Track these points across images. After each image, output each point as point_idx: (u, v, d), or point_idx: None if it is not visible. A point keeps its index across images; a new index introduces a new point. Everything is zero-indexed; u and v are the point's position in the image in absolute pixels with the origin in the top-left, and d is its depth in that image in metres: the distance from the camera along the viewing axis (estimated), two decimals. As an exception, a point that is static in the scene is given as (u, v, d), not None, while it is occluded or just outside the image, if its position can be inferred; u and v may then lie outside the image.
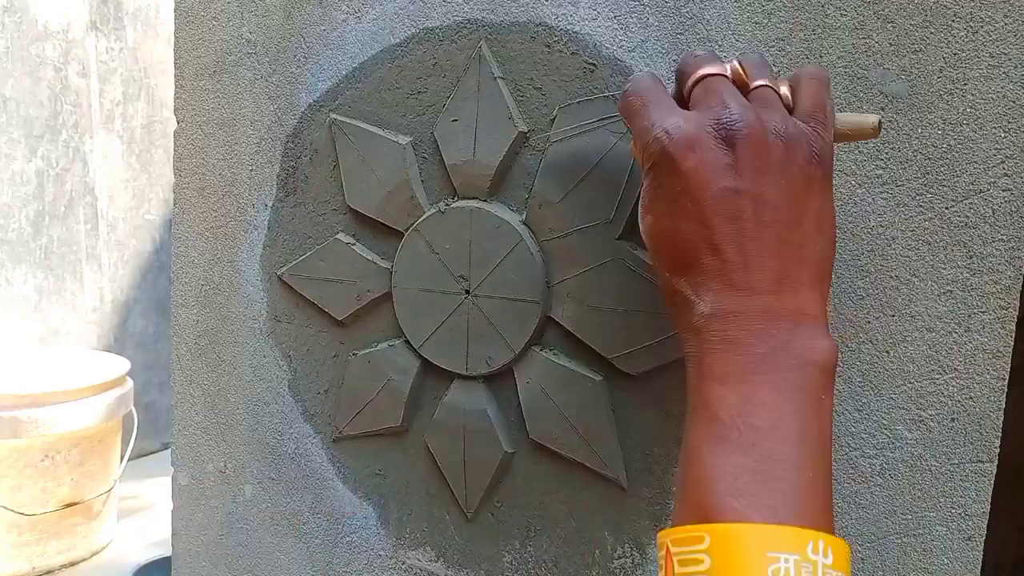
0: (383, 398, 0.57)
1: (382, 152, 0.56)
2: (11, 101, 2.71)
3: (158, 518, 2.65)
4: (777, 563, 0.32)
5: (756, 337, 0.36)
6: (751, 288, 0.36)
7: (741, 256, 0.36)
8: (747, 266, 0.36)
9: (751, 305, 0.36)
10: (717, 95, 0.38)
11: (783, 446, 0.35)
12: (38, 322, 2.89)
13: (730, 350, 0.36)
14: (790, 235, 0.37)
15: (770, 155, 0.36)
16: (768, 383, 0.36)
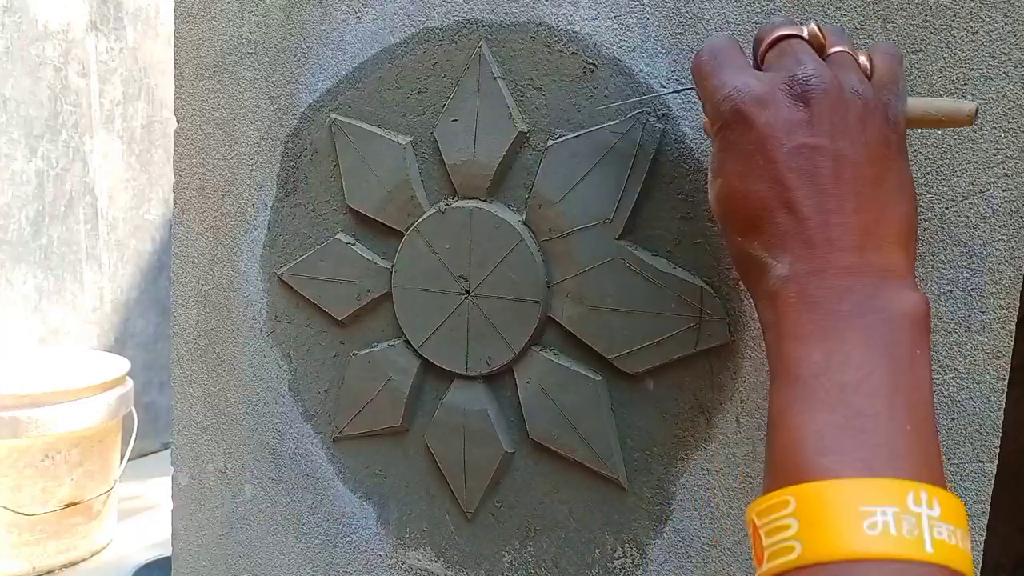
0: (383, 398, 0.57)
1: (382, 152, 0.55)
2: (11, 101, 2.71)
3: (158, 518, 2.65)
4: (873, 516, 0.29)
5: (838, 294, 0.34)
6: (831, 245, 0.35)
7: (819, 213, 0.35)
8: (826, 223, 0.35)
9: (832, 262, 0.35)
10: (793, 55, 0.37)
11: (875, 400, 0.32)
12: (38, 322, 2.89)
13: (810, 309, 0.35)
14: (871, 192, 0.35)
15: (848, 113, 0.35)
16: (854, 339, 0.34)
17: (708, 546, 0.51)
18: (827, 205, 0.35)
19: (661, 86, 0.48)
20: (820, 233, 0.35)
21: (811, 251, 0.35)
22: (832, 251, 0.35)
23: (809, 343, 0.34)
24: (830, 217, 0.35)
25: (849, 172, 0.35)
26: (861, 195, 0.35)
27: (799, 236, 0.35)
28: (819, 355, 0.34)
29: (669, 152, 0.49)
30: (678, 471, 0.51)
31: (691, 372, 0.50)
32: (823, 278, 0.35)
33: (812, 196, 0.35)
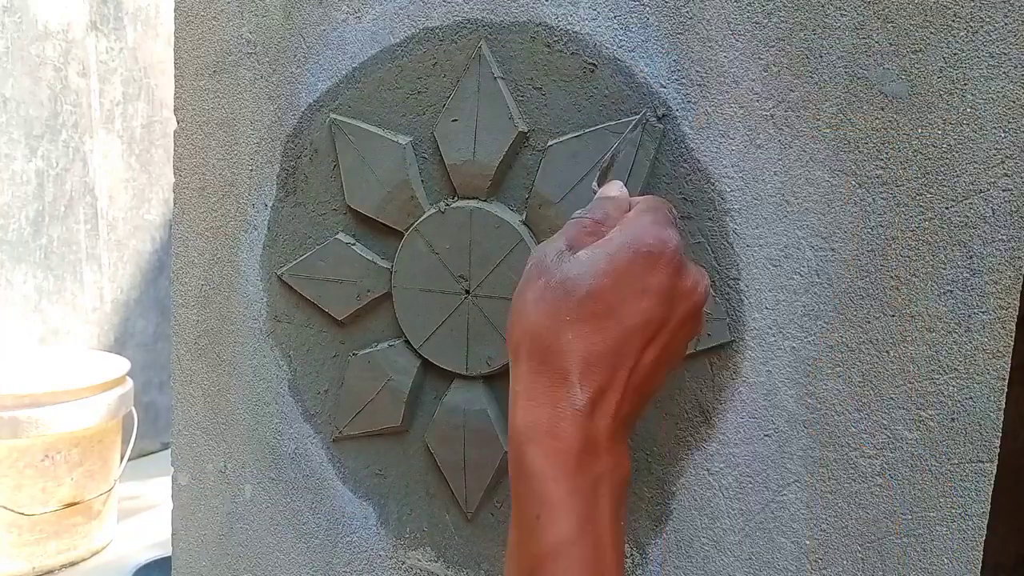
0: (383, 398, 0.57)
1: (382, 152, 0.55)
2: (11, 101, 2.71)
3: (158, 518, 2.65)
4: None
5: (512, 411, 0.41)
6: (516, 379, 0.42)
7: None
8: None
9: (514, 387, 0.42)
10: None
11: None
12: (38, 322, 2.89)
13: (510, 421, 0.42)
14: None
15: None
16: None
17: (708, 546, 0.51)
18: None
19: (661, 86, 0.48)
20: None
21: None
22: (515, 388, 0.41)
23: None
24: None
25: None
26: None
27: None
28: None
29: (669, 152, 0.49)
30: (678, 471, 0.51)
31: (691, 372, 0.50)
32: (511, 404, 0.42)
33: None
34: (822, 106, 0.45)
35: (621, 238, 0.39)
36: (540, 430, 0.38)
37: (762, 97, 0.46)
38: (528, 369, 0.39)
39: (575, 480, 0.37)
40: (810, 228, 0.46)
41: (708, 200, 0.48)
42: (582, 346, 0.38)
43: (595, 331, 0.38)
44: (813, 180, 0.46)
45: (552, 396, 0.38)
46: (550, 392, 0.38)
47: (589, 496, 0.37)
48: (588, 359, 0.38)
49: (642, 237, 0.39)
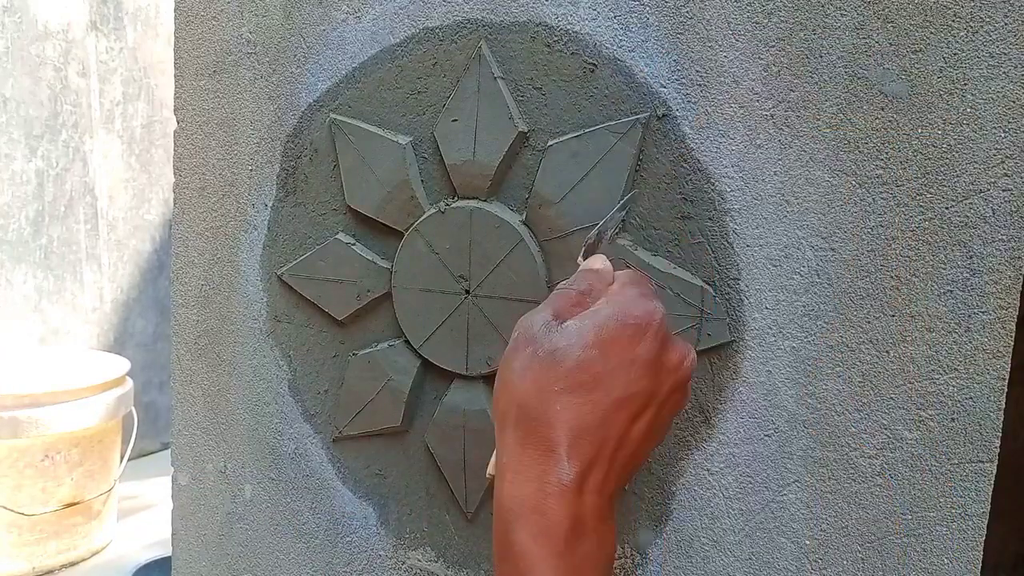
0: (383, 398, 0.57)
1: (382, 152, 0.55)
2: (11, 101, 2.71)
3: (158, 518, 2.65)
4: None
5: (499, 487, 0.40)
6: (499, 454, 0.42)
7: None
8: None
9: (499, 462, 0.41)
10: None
11: None
12: (38, 322, 2.89)
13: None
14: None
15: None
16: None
17: (708, 546, 0.51)
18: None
19: (661, 86, 0.48)
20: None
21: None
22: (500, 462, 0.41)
23: None
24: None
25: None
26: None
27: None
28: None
29: (669, 152, 0.49)
30: (678, 471, 0.51)
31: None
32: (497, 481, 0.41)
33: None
34: (822, 106, 0.45)
35: (608, 310, 0.39)
36: (527, 506, 0.37)
37: (762, 97, 0.46)
38: (515, 440, 0.38)
39: (562, 560, 0.37)
40: (810, 228, 0.46)
41: (708, 200, 0.48)
42: (570, 416, 0.37)
43: (584, 402, 0.37)
44: (813, 180, 0.46)
45: (540, 470, 0.37)
46: (538, 466, 0.37)
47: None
48: (576, 431, 0.37)
49: (629, 309, 0.39)
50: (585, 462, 0.37)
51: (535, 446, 0.38)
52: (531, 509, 0.37)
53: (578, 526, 0.37)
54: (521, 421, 0.38)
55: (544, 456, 0.37)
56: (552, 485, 0.37)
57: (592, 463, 0.37)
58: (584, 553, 0.37)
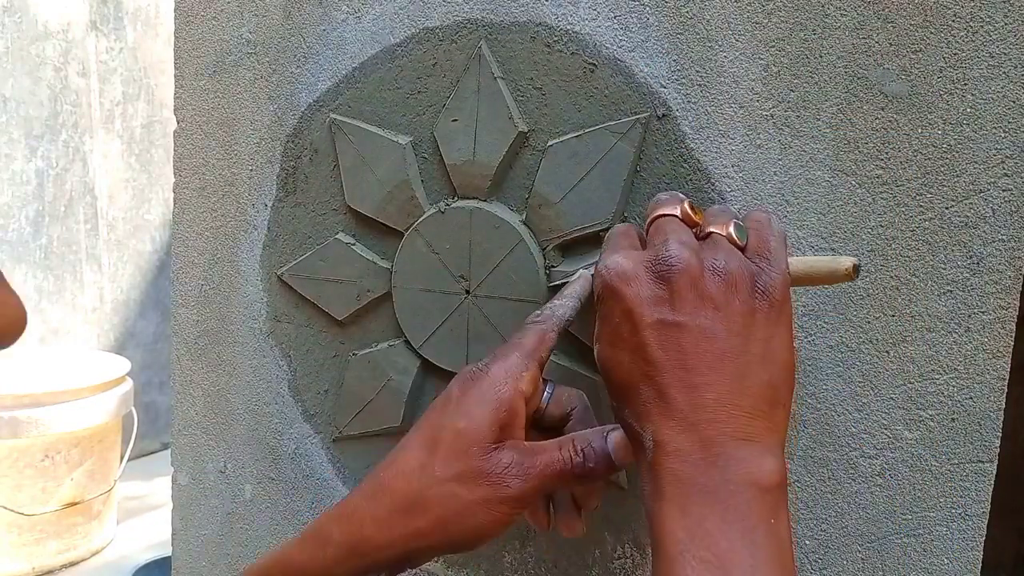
0: (383, 398, 0.57)
1: (382, 152, 0.56)
2: (11, 101, 2.71)
3: (158, 518, 2.66)
4: None
5: (696, 469, 0.36)
6: (686, 419, 0.37)
7: (676, 386, 0.37)
8: (683, 397, 0.37)
9: (688, 437, 0.36)
10: (662, 234, 0.40)
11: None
12: (38, 322, 2.89)
13: (672, 484, 0.36)
14: (730, 365, 0.37)
15: (707, 289, 0.38)
16: (712, 514, 0.35)
17: (708, 546, 0.51)
18: (684, 379, 0.37)
19: (661, 86, 0.48)
20: (677, 407, 0.37)
21: (670, 424, 0.37)
22: (688, 426, 0.37)
23: (673, 520, 0.36)
24: (687, 392, 0.37)
25: (706, 346, 0.37)
26: (717, 368, 0.37)
27: (659, 409, 0.37)
28: (682, 532, 0.35)
29: (669, 152, 0.49)
30: (678, 471, 0.51)
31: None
32: (681, 454, 0.37)
33: (670, 370, 0.37)
34: (822, 106, 0.45)
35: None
36: (783, 483, 0.37)
37: (762, 97, 0.46)
38: (767, 405, 0.38)
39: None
40: (810, 228, 0.46)
41: (708, 200, 0.48)
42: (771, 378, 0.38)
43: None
44: (813, 180, 0.46)
45: (778, 438, 0.37)
46: (772, 435, 0.37)
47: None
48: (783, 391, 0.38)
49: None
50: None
51: (773, 415, 0.37)
52: (783, 485, 0.36)
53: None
54: (777, 388, 0.38)
55: (777, 424, 0.37)
56: (780, 456, 0.37)
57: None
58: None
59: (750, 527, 0.35)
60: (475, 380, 0.42)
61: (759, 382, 0.37)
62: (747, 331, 0.37)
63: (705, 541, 0.35)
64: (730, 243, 0.40)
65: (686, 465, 0.36)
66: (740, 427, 0.36)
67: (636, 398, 0.38)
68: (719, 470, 0.36)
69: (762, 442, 0.37)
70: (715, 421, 0.36)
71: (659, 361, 0.37)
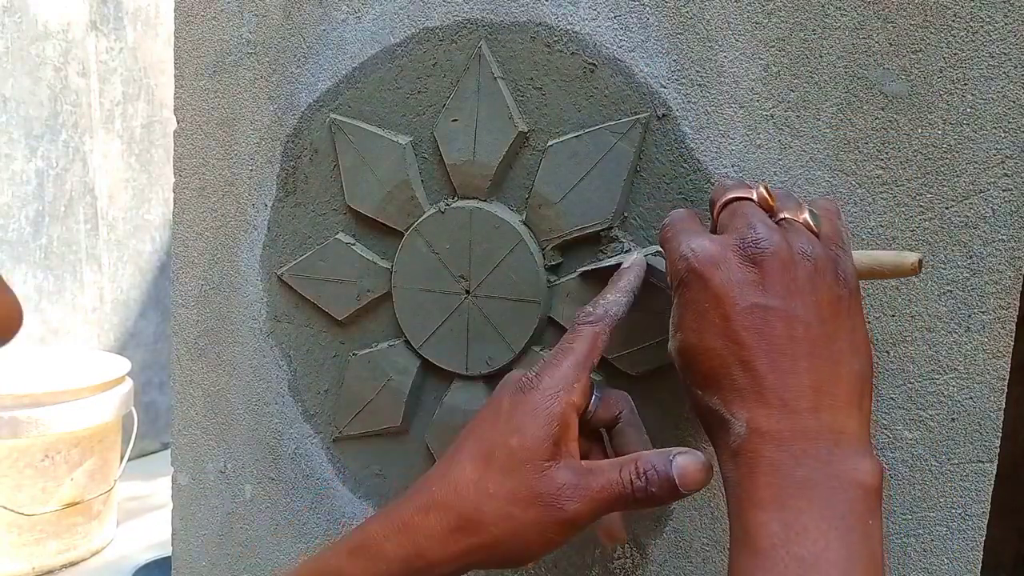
0: (383, 398, 0.57)
1: (382, 152, 0.56)
2: (11, 101, 2.71)
3: (158, 518, 2.66)
4: None
5: (794, 458, 0.35)
6: (786, 405, 0.35)
7: (774, 372, 0.36)
8: (780, 382, 0.35)
9: (787, 424, 0.35)
10: (744, 217, 0.38)
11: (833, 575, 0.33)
12: (38, 322, 2.89)
13: (768, 473, 0.35)
14: (824, 351, 0.36)
15: (798, 273, 0.37)
16: (810, 509, 0.34)
17: (708, 546, 0.51)
18: (781, 364, 0.36)
19: (661, 86, 0.48)
20: (775, 393, 0.35)
21: (767, 411, 0.35)
22: (787, 412, 0.35)
23: (768, 510, 0.34)
24: (785, 377, 0.35)
25: (801, 331, 0.36)
26: (814, 354, 0.36)
27: (755, 395, 0.36)
28: (777, 525, 0.34)
29: (669, 152, 0.49)
30: (678, 471, 0.51)
31: (691, 372, 0.50)
32: (779, 441, 0.35)
33: (766, 355, 0.36)
34: (822, 106, 0.45)
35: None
36: (879, 484, 0.35)
37: (762, 97, 0.46)
38: (860, 401, 0.37)
39: None
40: (810, 228, 0.46)
41: (708, 200, 0.48)
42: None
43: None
44: (813, 180, 0.46)
45: (867, 436, 0.36)
46: (866, 432, 0.36)
47: None
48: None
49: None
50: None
51: (863, 407, 0.36)
52: (881, 487, 0.35)
53: None
54: (866, 379, 0.37)
55: (867, 417, 0.36)
56: (874, 454, 0.35)
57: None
58: None
59: (848, 527, 0.33)
60: (526, 392, 0.41)
61: (852, 371, 0.36)
62: (836, 319, 0.37)
63: (802, 537, 0.33)
64: (811, 231, 0.39)
65: (785, 455, 0.35)
66: (839, 419, 0.35)
67: (729, 384, 0.36)
68: (821, 464, 0.34)
69: (858, 438, 0.35)
70: (815, 410, 0.35)
71: (755, 346, 0.36)
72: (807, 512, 0.34)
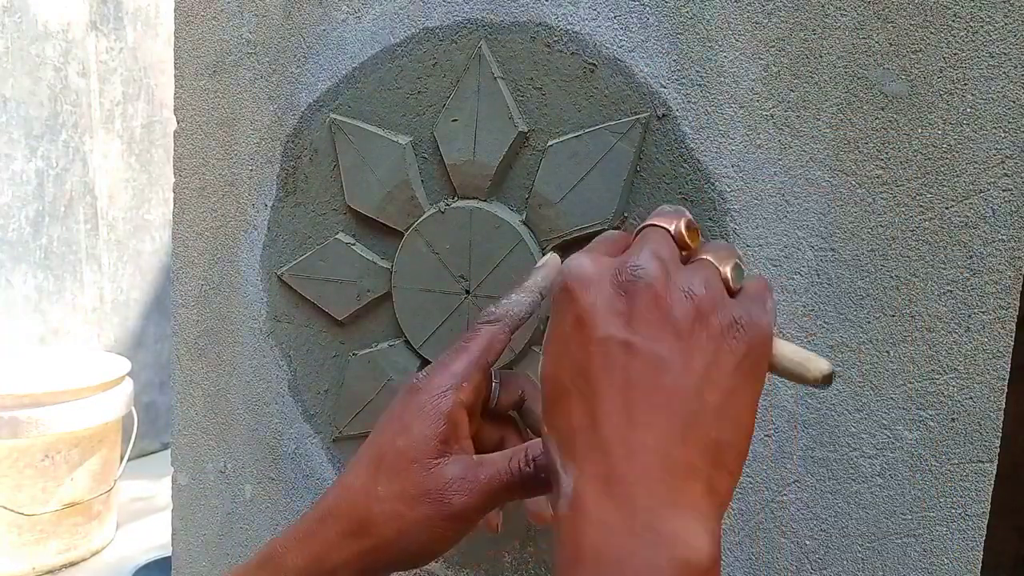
0: (383, 398, 0.57)
1: (382, 152, 0.56)
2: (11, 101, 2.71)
3: (158, 518, 2.65)
4: None
5: (619, 542, 0.30)
6: (615, 470, 0.31)
7: (614, 420, 0.31)
8: (618, 434, 0.31)
9: (616, 500, 0.30)
10: (640, 244, 0.34)
11: None
12: (38, 322, 2.89)
13: (592, 555, 0.30)
14: (678, 408, 0.31)
15: (672, 312, 0.32)
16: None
17: (708, 546, 0.51)
18: (625, 413, 0.31)
19: (661, 86, 0.48)
20: (609, 447, 0.31)
21: (596, 473, 0.31)
22: (616, 480, 0.31)
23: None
24: (625, 430, 0.31)
25: (656, 379, 0.31)
26: (664, 409, 0.31)
27: (588, 445, 0.31)
28: None
29: (669, 152, 0.49)
30: (678, 471, 0.51)
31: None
32: (605, 525, 0.30)
33: (611, 398, 0.31)
34: (822, 106, 0.45)
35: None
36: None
37: (762, 97, 0.46)
38: (678, 464, 0.31)
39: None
40: (810, 228, 0.46)
41: (708, 200, 0.48)
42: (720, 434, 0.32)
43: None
44: (813, 180, 0.46)
45: (716, 515, 0.31)
46: (714, 509, 0.31)
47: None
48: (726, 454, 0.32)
49: None
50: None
51: (715, 479, 0.31)
52: (715, 563, 0.30)
53: None
54: (729, 450, 0.31)
55: (718, 489, 0.31)
56: (716, 529, 0.30)
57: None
58: None
59: None
60: (414, 393, 0.41)
61: (705, 437, 0.31)
62: (707, 373, 0.31)
63: None
64: (720, 279, 0.34)
65: (610, 538, 0.30)
66: (674, 488, 0.30)
67: (566, 421, 0.32)
68: (645, 546, 0.30)
69: (697, 510, 0.30)
70: (647, 479, 0.30)
71: (600, 384, 0.32)
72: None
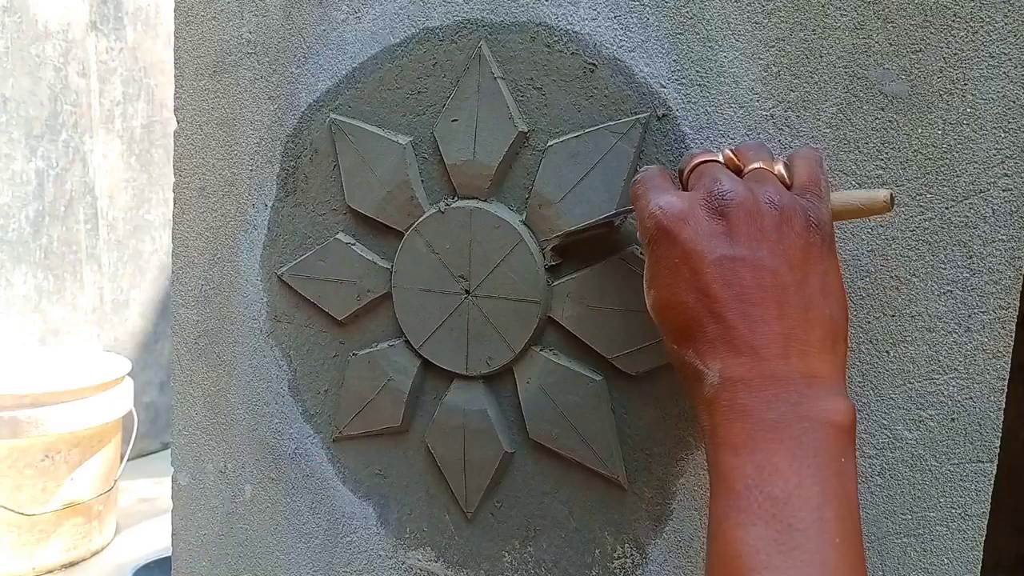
0: (383, 398, 0.57)
1: (382, 152, 0.56)
2: (11, 101, 2.71)
3: (158, 518, 2.65)
4: None
5: (765, 403, 0.36)
6: (756, 353, 0.36)
7: (743, 321, 0.37)
8: (750, 331, 0.37)
9: (758, 370, 0.36)
10: (709, 175, 0.39)
11: (804, 513, 0.34)
12: (38, 322, 2.89)
13: (740, 419, 0.36)
14: (793, 298, 0.37)
15: (764, 222, 0.37)
16: (782, 449, 0.35)
17: (708, 546, 0.51)
18: (750, 313, 0.37)
19: (661, 86, 0.48)
20: (745, 341, 0.37)
21: (738, 359, 0.37)
22: (758, 359, 0.36)
23: (741, 454, 0.36)
24: (754, 325, 0.37)
25: (770, 279, 0.37)
26: (783, 302, 0.37)
27: (726, 344, 0.37)
28: (751, 467, 0.35)
29: (669, 152, 0.49)
30: (678, 471, 0.51)
31: (691, 372, 0.50)
32: (751, 387, 0.36)
33: (736, 305, 0.37)
34: (822, 106, 0.45)
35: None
36: (852, 425, 0.37)
37: (762, 97, 0.46)
38: (833, 340, 0.38)
39: None
40: (810, 228, 0.46)
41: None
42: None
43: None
44: (813, 180, 0.46)
45: (842, 375, 0.38)
46: (841, 371, 0.38)
47: None
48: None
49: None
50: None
51: (836, 351, 0.37)
52: (854, 426, 0.36)
53: None
54: (838, 323, 0.38)
55: (840, 361, 0.37)
56: (847, 396, 0.37)
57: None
58: None
59: (820, 465, 0.35)
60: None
61: (822, 316, 0.37)
62: (805, 265, 0.37)
63: (774, 477, 0.34)
64: (778, 178, 0.40)
65: (756, 400, 0.36)
66: (810, 363, 0.36)
67: (702, 337, 0.37)
68: (791, 406, 0.35)
69: (830, 380, 0.36)
70: (784, 356, 0.36)
71: (724, 297, 0.37)
72: (779, 453, 0.35)
